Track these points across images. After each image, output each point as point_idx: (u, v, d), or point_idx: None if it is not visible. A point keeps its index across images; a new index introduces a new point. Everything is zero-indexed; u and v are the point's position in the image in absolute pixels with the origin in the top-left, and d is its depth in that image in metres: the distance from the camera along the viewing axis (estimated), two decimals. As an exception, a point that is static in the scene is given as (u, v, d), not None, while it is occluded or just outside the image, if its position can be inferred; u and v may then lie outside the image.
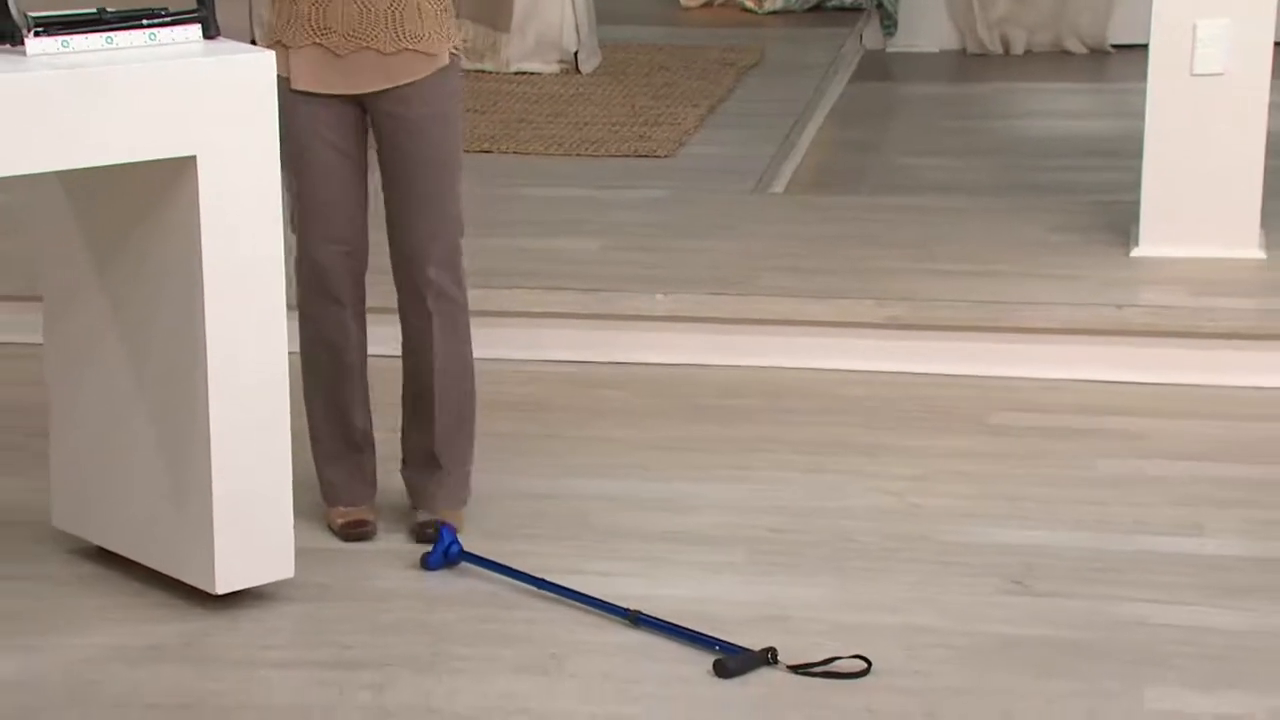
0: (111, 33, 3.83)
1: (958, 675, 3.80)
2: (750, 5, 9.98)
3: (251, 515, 4.00)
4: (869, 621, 4.01)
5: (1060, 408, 5.18)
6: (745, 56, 8.77)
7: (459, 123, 4.29)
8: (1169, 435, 5.00)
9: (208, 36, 3.94)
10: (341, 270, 4.30)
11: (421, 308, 4.31)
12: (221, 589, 4.01)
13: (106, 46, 3.83)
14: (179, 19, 3.91)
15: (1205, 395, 5.27)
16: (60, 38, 3.78)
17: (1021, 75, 9.04)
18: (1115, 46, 9.33)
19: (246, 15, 8.37)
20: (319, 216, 4.27)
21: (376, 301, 4.40)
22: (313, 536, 4.35)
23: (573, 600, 4.08)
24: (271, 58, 3.93)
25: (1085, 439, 4.97)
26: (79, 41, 3.80)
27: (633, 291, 5.56)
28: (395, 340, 4.40)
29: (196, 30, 3.93)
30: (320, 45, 4.20)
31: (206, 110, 3.83)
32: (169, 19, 3.90)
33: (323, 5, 4.17)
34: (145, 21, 3.87)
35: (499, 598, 4.13)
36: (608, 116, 7.65)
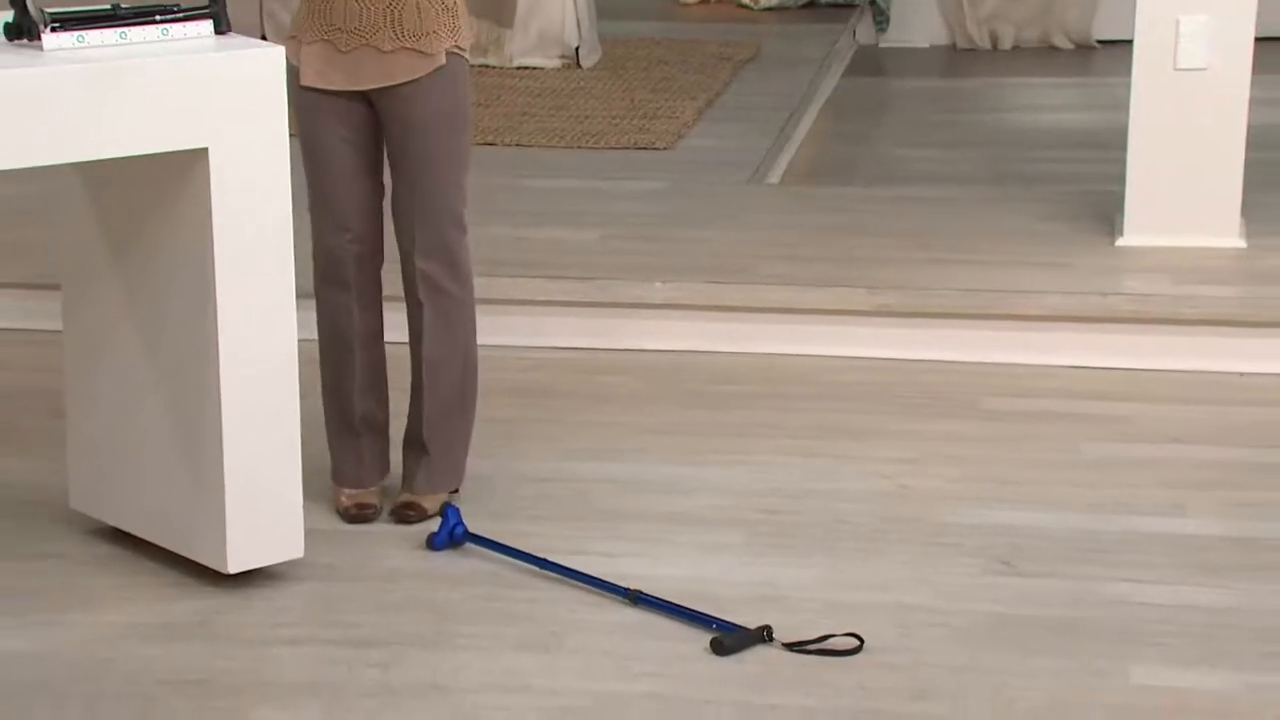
0: (125, 28, 3.83)
1: (948, 653, 3.79)
2: (746, 2, 9.97)
3: (262, 497, 4.00)
4: (862, 601, 4.00)
5: (1048, 393, 5.18)
6: (741, 51, 8.77)
7: (463, 121, 4.27)
8: (1153, 419, 5.00)
9: (219, 32, 3.94)
10: (350, 259, 4.30)
11: (414, 296, 4.31)
12: (233, 568, 4.01)
13: (120, 42, 3.82)
14: (191, 15, 3.90)
15: (1188, 380, 5.27)
16: (76, 33, 3.78)
17: (1010, 70, 9.04)
18: (1100, 42, 9.33)
19: (257, 11, 8.37)
20: (329, 206, 4.28)
21: (395, 290, 4.39)
22: (322, 518, 4.35)
23: (574, 580, 4.08)
24: (280, 53, 3.92)
25: (1072, 423, 4.97)
26: (94, 37, 3.80)
27: (633, 280, 5.56)
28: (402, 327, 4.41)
29: (208, 26, 3.93)
30: (327, 41, 4.20)
31: (218, 104, 3.83)
32: (181, 15, 3.89)
33: (330, 1, 4.17)
34: (158, 17, 3.87)
35: (502, 577, 4.13)
36: (608, 110, 7.64)
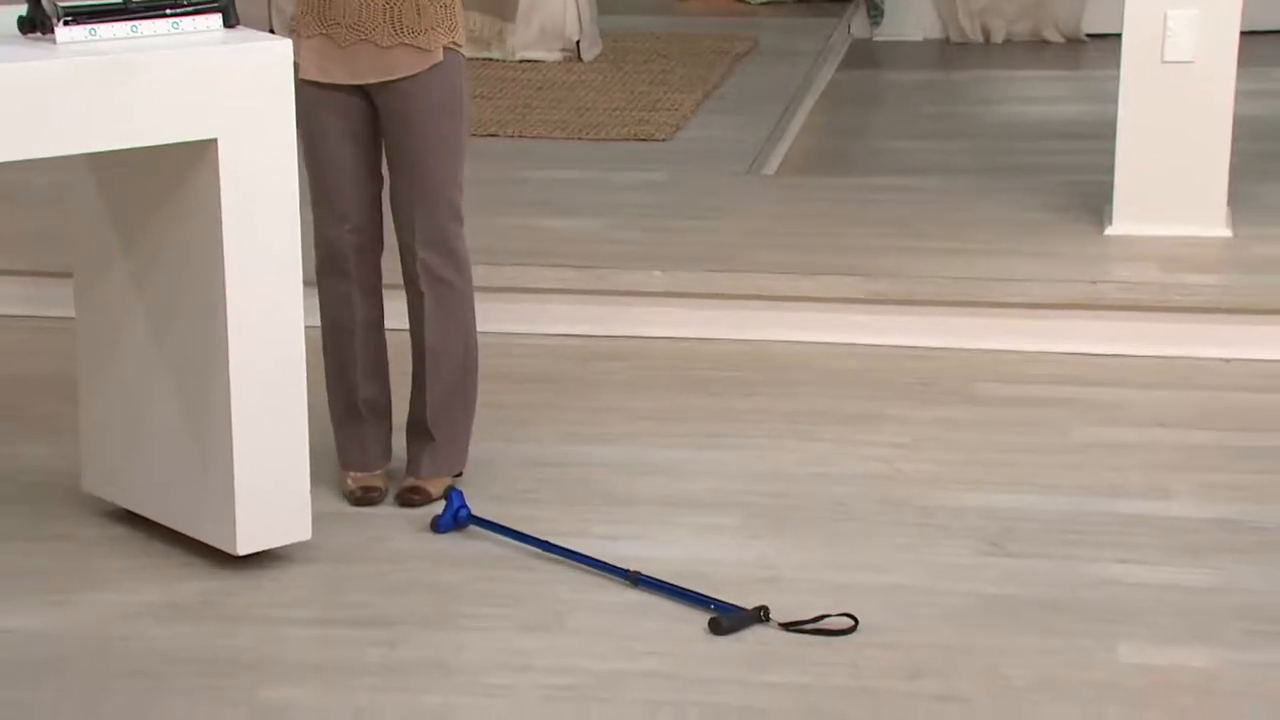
0: (136, 21, 3.82)
1: (941, 632, 3.79)
2: (743, -4, 9.96)
3: (270, 480, 3.99)
4: (856, 581, 4.00)
5: (1038, 378, 5.17)
6: (739, 45, 8.76)
7: (460, 114, 4.26)
8: (1140, 404, 5.00)
9: (228, 25, 3.94)
10: (350, 249, 4.30)
11: (414, 286, 4.31)
12: (242, 550, 4.01)
13: (132, 35, 3.82)
14: (200, 8, 3.90)
15: (1175, 366, 5.26)
16: (88, 26, 3.77)
17: (1001, 63, 9.02)
18: (1090, 36, 9.31)
19: (265, 5, 8.35)
20: (329, 198, 4.27)
21: (396, 278, 4.38)
22: (329, 502, 4.35)
23: (575, 561, 4.08)
24: (288, 46, 3.92)
25: (1061, 408, 4.96)
26: (106, 30, 3.79)
27: (632, 268, 5.55)
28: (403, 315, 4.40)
29: (217, 19, 3.92)
30: (326, 36, 4.19)
31: (227, 95, 3.82)
32: (191, 8, 3.89)
33: None
34: (168, 11, 3.86)
35: (505, 559, 4.13)
36: (608, 102, 7.63)
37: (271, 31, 4.19)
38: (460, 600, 3.96)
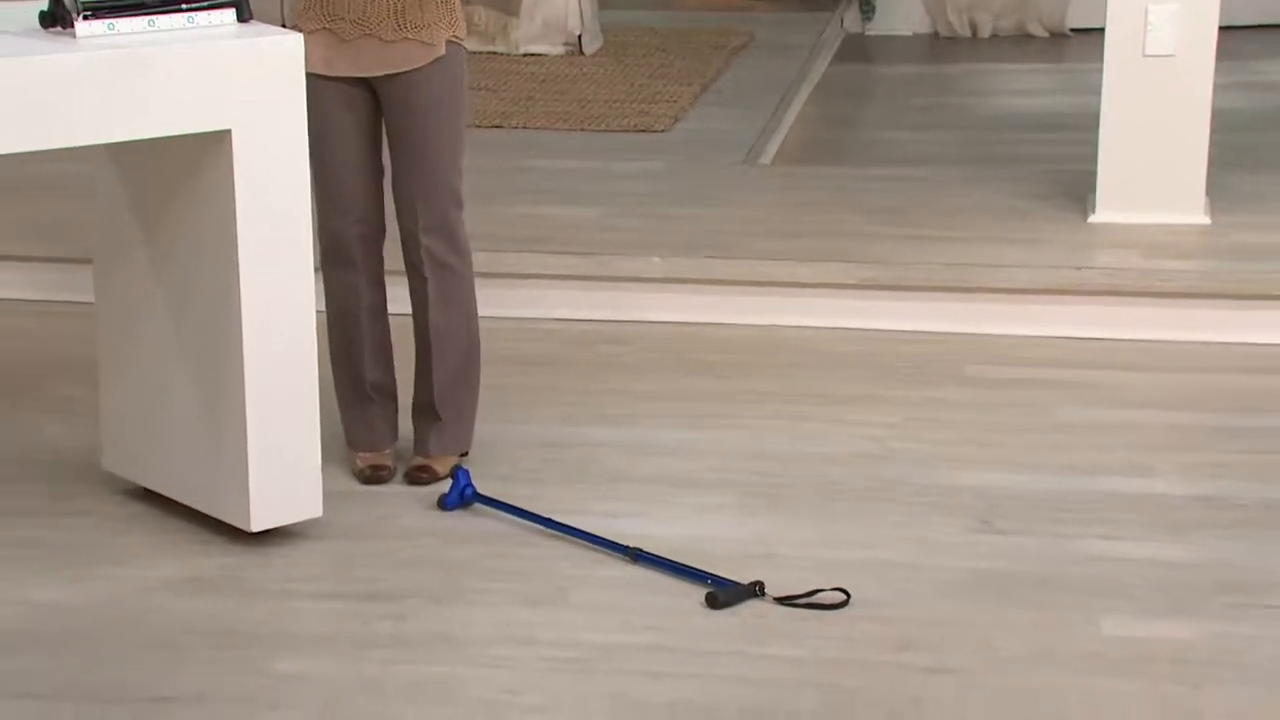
0: (153, 16, 3.81)
1: (931, 606, 3.79)
2: (740, -9, 9.95)
3: (283, 460, 3.99)
4: (849, 557, 4.00)
5: (1025, 361, 5.16)
6: (735, 39, 8.74)
7: (460, 105, 4.25)
8: (1124, 386, 4.99)
9: (241, 20, 3.92)
10: (355, 239, 4.29)
11: (419, 273, 4.29)
12: (256, 527, 4.01)
13: (149, 29, 3.81)
14: (215, 3, 3.89)
15: (1156, 349, 5.26)
16: (106, 21, 3.76)
17: (988, 57, 9.01)
18: (1074, 30, 9.30)
19: (278, 0, 8.33)
20: (334, 190, 4.26)
21: (397, 264, 4.37)
22: (339, 481, 4.34)
23: (578, 538, 4.07)
24: (299, 40, 3.91)
25: (1048, 390, 4.96)
26: (123, 24, 3.78)
27: (632, 255, 5.54)
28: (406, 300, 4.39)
29: (231, 14, 3.91)
30: (329, 30, 4.18)
31: (240, 88, 3.81)
32: (206, 4, 3.87)
33: None
34: (184, 6, 3.85)
35: (510, 536, 4.12)
36: (609, 94, 7.62)
37: (283, 26, 4.17)
38: (467, 575, 3.95)
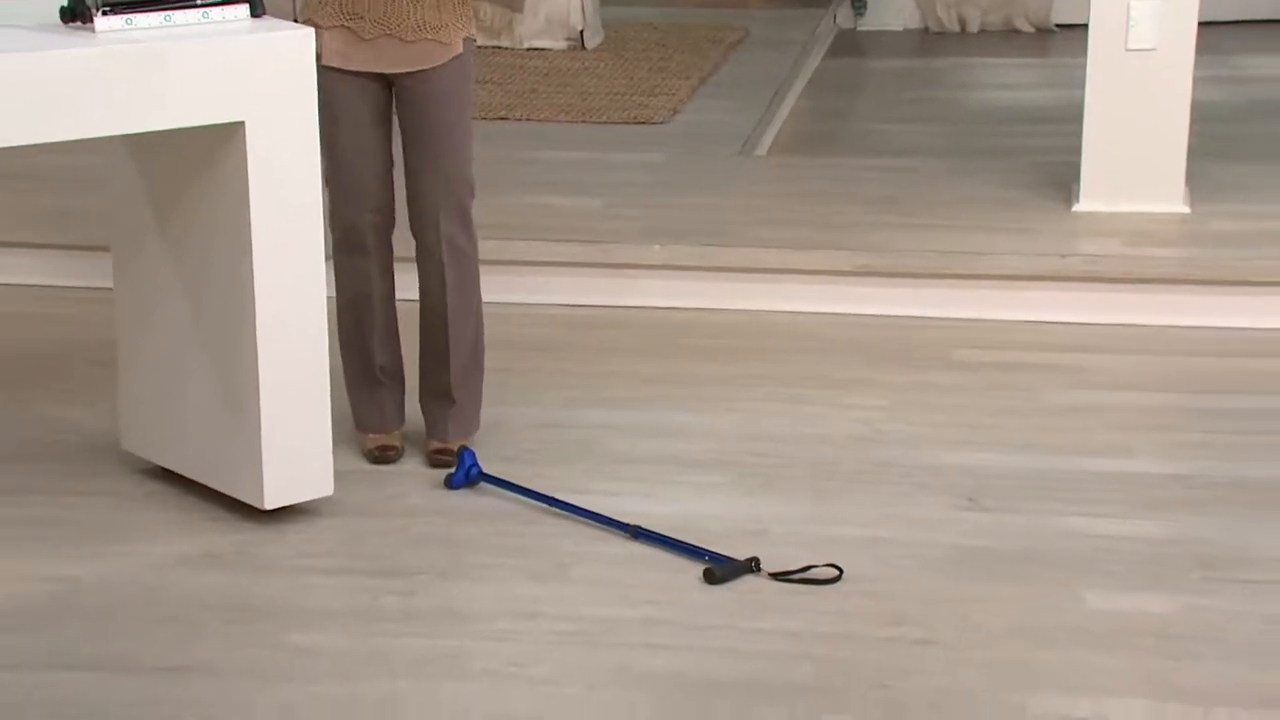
0: (169, 11, 3.81)
1: (920, 581, 3.79)
2: (736, -12, 9.93)
3: (296, 440, 3.99)
4: (841, 535, 4.00)
5: (1011, 345, 5.16)
6: (732, 34, 8.73)
7: (471, 97, 4.25)
8: (1105, 369, 4.99)
9: (254, 15, 3.92)
10: (369, 228, 4.27)
11: (435, 258, 4.27)
12: (270, 505, 4.00)
13: (165, 24, 3.80)
14: (229, -1, 3.89)
15: (1137, 334, 5.25)
16: (124, 16, 3.76)
17: (976, 52, 9.00)
18: (1059, 26, 9.29)
19: (290, -3, 8.30)
20: (349, 180, 4.24)
21: (402, 252, 4.37)
22: (350, 460, 4.34)
23: (579, 516, 4.07)
24: (310, 34, 3.90)
25: (1033, 373, 4.95)
26: (141, 20, 3.78)
27: (632, 243, 5.54)
28: (412, 287, 4.38)
29: (244, 9, 3.90)
30: (348, 29, 4.16)
31: (253, 81, 3.81)
32: None
33: None
34: (199, 1, 3.84)
35: (514, 514, 4.12)
36: (610, 87, 7.61)
37: (295, 21, 4.16)
38: (472, 552, 3.95)
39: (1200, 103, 5.83)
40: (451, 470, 4.26)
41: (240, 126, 3.82)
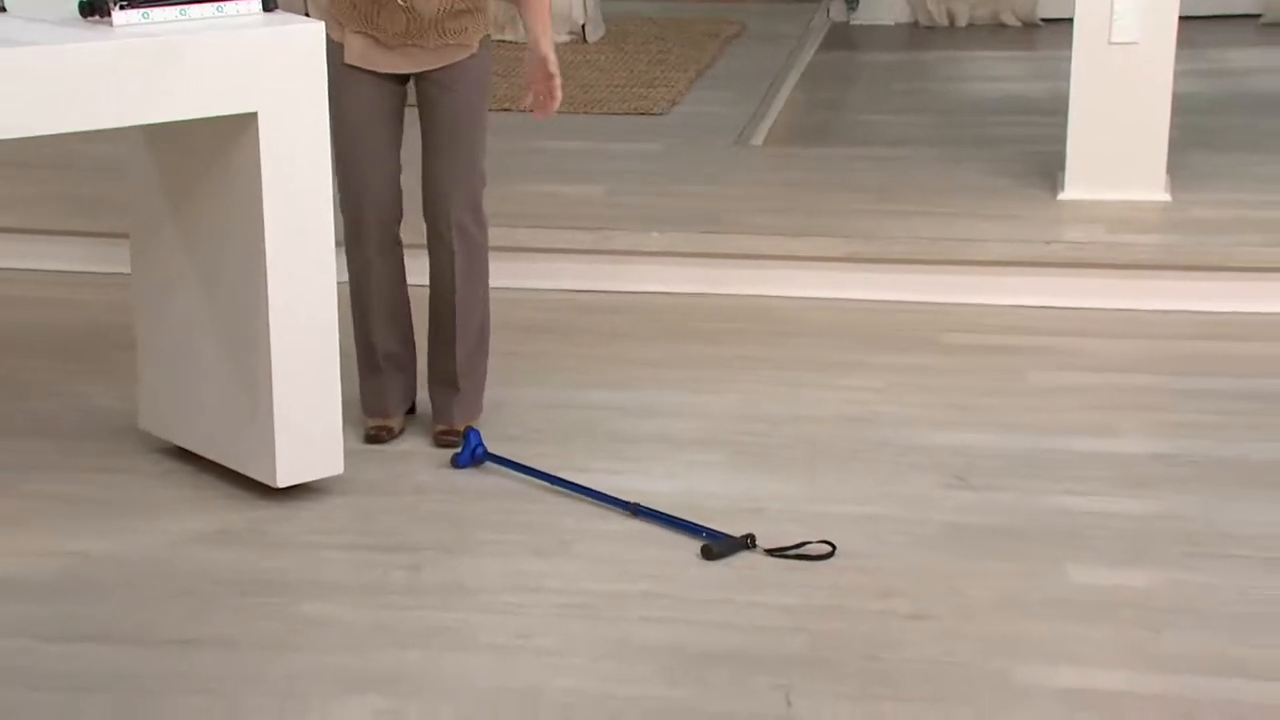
0: (185, 6, 3.79)
1: (910, 557, 3.78)
2: (733, -16, 9.91)
3: (307, 420, 3.98)
4: (835, 512, 3.99)
5: (998, 329, 5.16)
6: (729, 28, 8.71)
7: (487, 92, 4.25)
8: (1090, 352, 4.98)
9: (267, 10, 3.90)
10: (377, 219, 4.26)
11: (447, 246, 4.26)
12: (282, 483, 4.00)
13: (180, 18, 3.79)
14: (242, -6, 3.87)
15: (1120, 318, 5.25)
16: (141, 10, 3.74)
17: (965, 45, 8.98)
18: (1044, 20, 9.28)
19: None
20: (362, 172, 4.22)
21: (409, 239, 4.35)
22: (359, 441, 4.33)
23: (581, 494, 4.07)
24: (321, 28, 3.88)
25: (1020, 355, 4.95)
26: (157, 14, 3.76)
27: (632, 230, 5.53)
28: (424, 273, 4.36)
29: (257, 3, 3.89)
30: (371, 37, 4.14)
31: (266, 74, 3.79)
32: (234, -6, 3.86)
33: (376, 7, 4.11)
34: (213, -4, 3.84)
35: (518, 492, 4.12)
36: (610, 80, 7.59)
37: (306, 15, 4.15)
38: (478, 528, 3.95)
39: (1181, 95, 5.82)
40: (458, 450, 4.25)
41: (253, 118, 3.80)
